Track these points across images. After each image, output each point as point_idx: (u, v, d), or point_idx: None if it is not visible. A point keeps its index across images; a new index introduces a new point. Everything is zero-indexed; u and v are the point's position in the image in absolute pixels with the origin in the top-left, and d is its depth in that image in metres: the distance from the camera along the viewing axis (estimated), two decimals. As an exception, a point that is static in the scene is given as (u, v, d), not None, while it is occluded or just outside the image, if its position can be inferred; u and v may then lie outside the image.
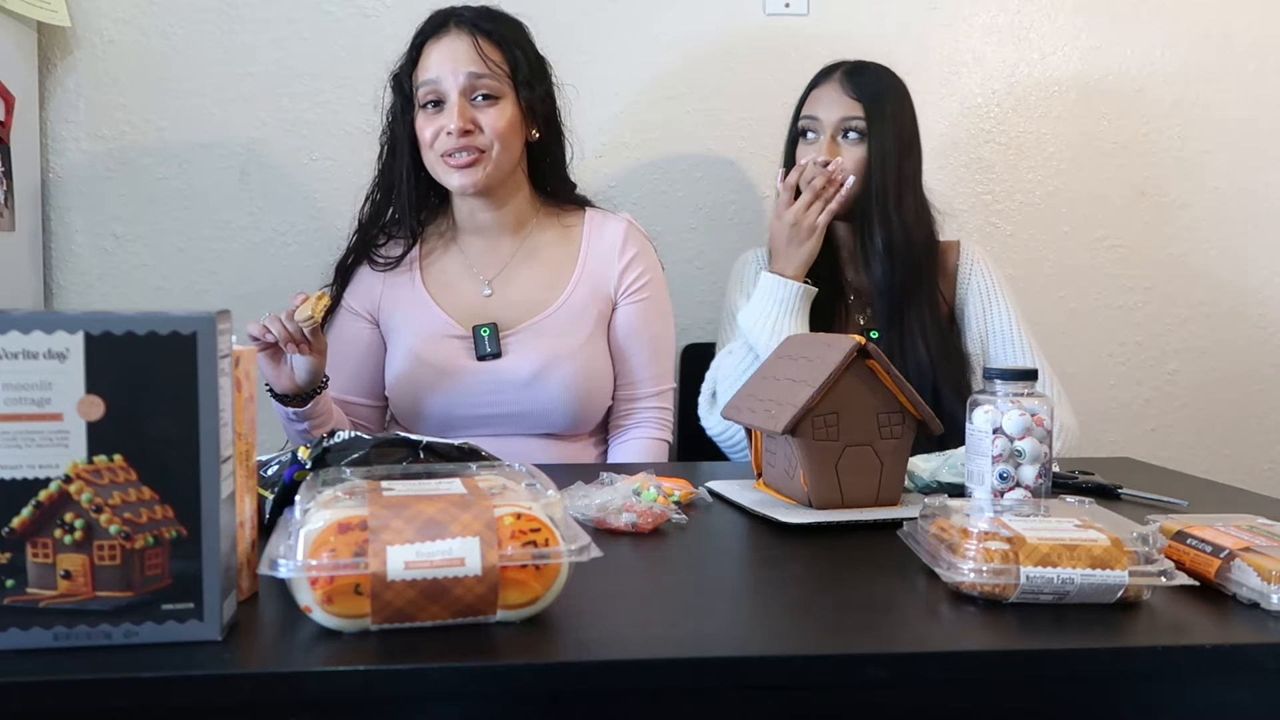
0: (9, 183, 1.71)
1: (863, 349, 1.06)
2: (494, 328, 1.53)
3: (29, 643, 0.66)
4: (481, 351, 1.53)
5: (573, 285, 1.58)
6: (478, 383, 1.52)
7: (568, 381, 1.52)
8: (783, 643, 0.72)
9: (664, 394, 1.63)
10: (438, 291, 1.57)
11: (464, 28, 1.51)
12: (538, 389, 1.51)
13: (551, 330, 1.55)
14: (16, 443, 0.65)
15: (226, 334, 0.70)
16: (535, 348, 1.53)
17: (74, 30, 1.85)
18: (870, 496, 1.07)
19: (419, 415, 1.55)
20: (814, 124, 1.62)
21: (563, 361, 1.52)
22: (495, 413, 1.52)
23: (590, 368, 1.55)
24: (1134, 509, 1.11)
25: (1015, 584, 0.76)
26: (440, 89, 1.49)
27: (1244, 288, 2.12)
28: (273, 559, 0.69)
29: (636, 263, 1.60)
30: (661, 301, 1.64)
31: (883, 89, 1.61)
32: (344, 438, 1.03)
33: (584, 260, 1.59)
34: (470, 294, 1.57)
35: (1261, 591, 0.77)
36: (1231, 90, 2.08)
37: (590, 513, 1.01)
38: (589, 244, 1.60)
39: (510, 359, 1.53)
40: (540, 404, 1.52)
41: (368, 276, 1.60)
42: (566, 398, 1.52)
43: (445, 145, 1.48)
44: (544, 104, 1.56)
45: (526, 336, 1.54)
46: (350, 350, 1.59)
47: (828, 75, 1.64)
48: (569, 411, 1.53)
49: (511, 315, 1.56)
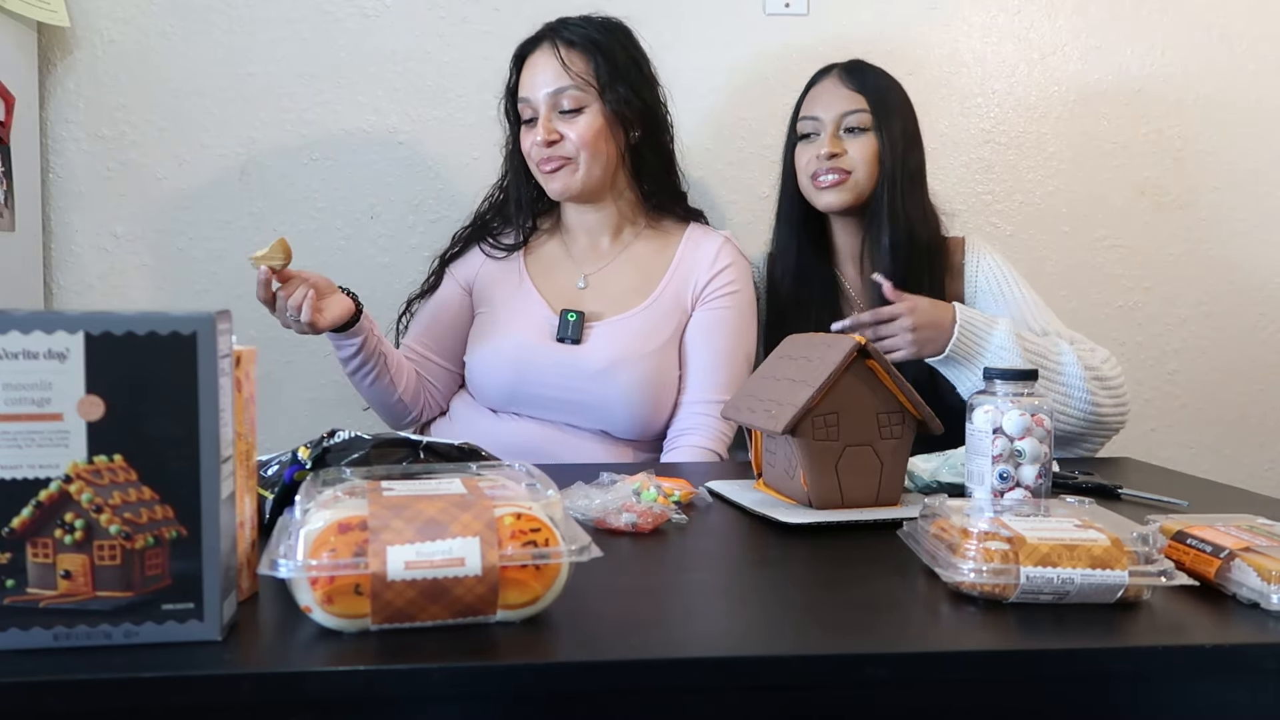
0: (9, 183, 1.71)
1: (863, 349, 1.06)
2: (581, 315, 1.57)
3: (29, 643, 0.66)
4: (562, 334, 1.57)
5: (659, 291, 1.61)
6: (551, 364, 1.55)
7: (636, 381, 1.54)
8: (783, 643, 0.72)
9: (715, 406, 1.58)
10: (537, 275, 1.64)
11: (550, 41, 1.58)
12: (607, 382, 1.53)
13: (631, 330, 1.57)
14: (16, 443, 0.65)
15: (226, 334, 0.70)
16: (612, 343, 1.56)
17: (74, 30, 1.85)
18: (870, 496, 1.07)
19: (488, 385, 1.58)
20: (814, 124, 1.60)
21: (635, 361, 1.54)
22: (561, 397, 1.54)
23: (659, 372, 1.56)
24: (1134, 509, 1.11)
25: (1015, 584, 0.76)
26: (531, 105, 1.58)
27: (1244, 288, 2.12)
28: (273, 559, 0.69)
29: (725, 274, 1.61)
30: (742, 316, 1.62)
31: (884, 84, 1.59)
32: (344, 438, 1.03)
33: (675, 269, 1.62)
34: (566, 281, 1.63)
35: (1261, 591, 0.77)
36: (1231, 90, 2.08)
37: (590, 513, 1.01)
38: (684, 255, 1.63)
39: (587, 347, 1.56)
40: (606, 398, 1.54)
41: (476, 256, 1.68)
42: (632, 396, 1.54)
43: (537, 156, 1.58)
44: (636, 105, 1.59)
45: (607, 330, 1.58)
46: (437, 310, 1.68)
47: (824, 75, 1.63)
48: (632, 412, 1.54)
49: (599, 308, 1.60)
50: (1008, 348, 1.41)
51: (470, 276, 1.68)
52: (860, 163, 1.55)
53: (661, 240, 1.66)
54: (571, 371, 1.54)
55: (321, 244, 1.90)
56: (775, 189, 2.01)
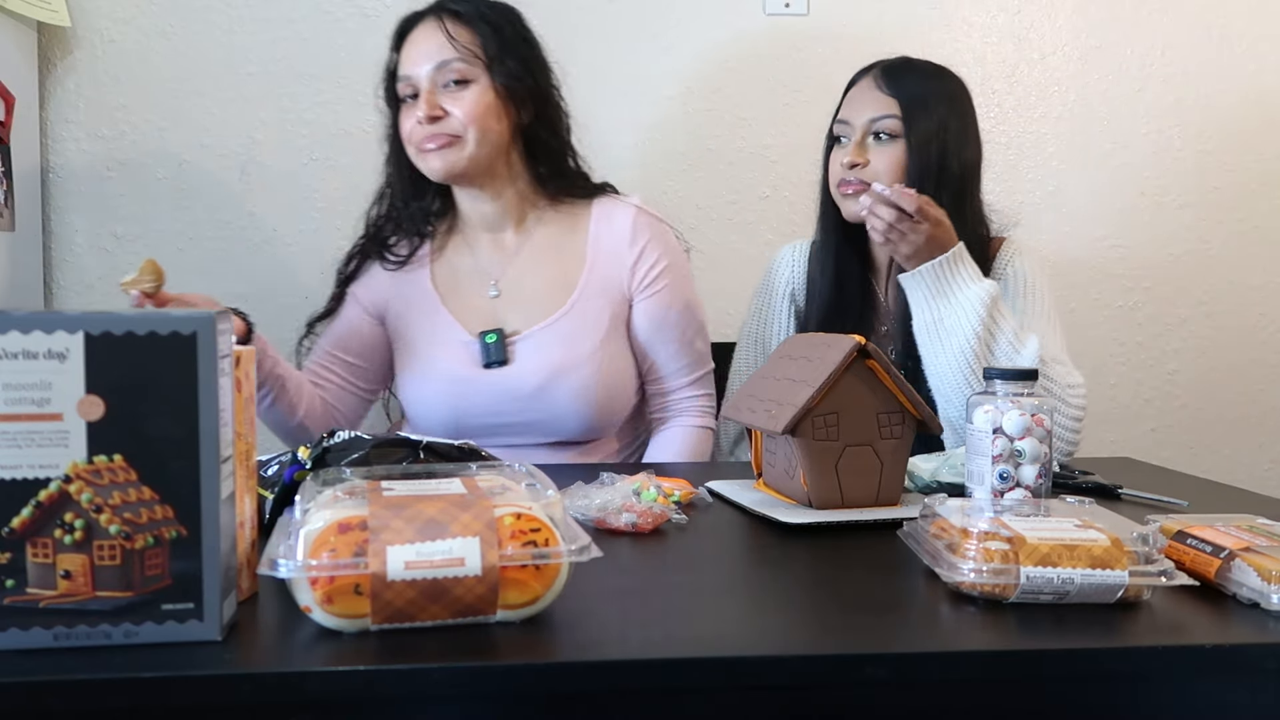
0: (9, 183, 1.71)
1: (863, 349, 1.06)
2: (500, 334, 1.49)
3: (29, 643, 0.66)
4: (487, 360, 1.48)
5: (582, 286, 1.52)
6: (485, 392, 1.48)
7: (579, 389, 1.47)
8: (783, 643, 0.72)
9: (700, 380, 1.59)
10: (447, 294, 1.54)
11: (435, 15, 1.46)
12: (547, 398, 1.47)
13: (561, 336, 1.49)
14: (16, 443, 0.65)
15: (226, 334, 0.70)
16: (542, 356, 1.48)
17: (74, 30, 1.85)
18: (870, 496, 1.07)
19: (429, 422, 1.51)
20: (844, 128, 1.50)
21: (573, 369, 1.47)
22: (506, 422, 1.48)
23: (606, 373, 1.49)
24: (1134, 509, 1.11)
25: (1015, 584, 0.76)
26: (413, 82, 1.45)
27: (1244, 287, 2.12)
28: (273, 559, 0.68)
29: (648, 253, 1.53)
30: (682, 288, 1.56)
31: (927, 86, 1.47)
32: (344, 438, 1.03)
33: (593, 258, 1.53)
34: (478, 296, 1.53)
35: (1261, 591, 0.77)
36: (1231, 90, 2.08)
37: (590, 513, 1.01)
38: (597, 239, 1.53)
39: (517, 367, 1.48)
40: (551, 413, 1.48)
41: (378, 274, 1.57)
42: (578, 406, 1.47)
43: (419, 136, 1.45)
44: (528, 83, 1.48)
45: (534, 342, 1.49)
46: (345, 337, 1.56)
47: (863, 74, 1.52)
48: (583, 420, 1.49)
49: (518, 320, 1.51)
50: (975, 306, 1.34)
51: (379, 304, 1.56)
52: (883, 173, 1.45)
53: (569, 221, 1.55)
54: (508, 395, 1.47)
55: (321, 244, 1.90)
56: (775, 189, 2.02)
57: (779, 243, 1.93)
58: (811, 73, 1.99)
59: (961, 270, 1.36)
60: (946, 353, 1.36)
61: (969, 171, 1.49)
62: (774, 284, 1.62)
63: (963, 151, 1.47)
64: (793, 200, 2.00)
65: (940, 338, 1.36)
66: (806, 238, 1.64)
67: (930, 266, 1.36)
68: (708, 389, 1.60)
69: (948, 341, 1.36)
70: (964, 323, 1.34)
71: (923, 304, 1.38)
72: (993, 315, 1.35)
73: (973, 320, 1.34)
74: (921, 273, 1.36)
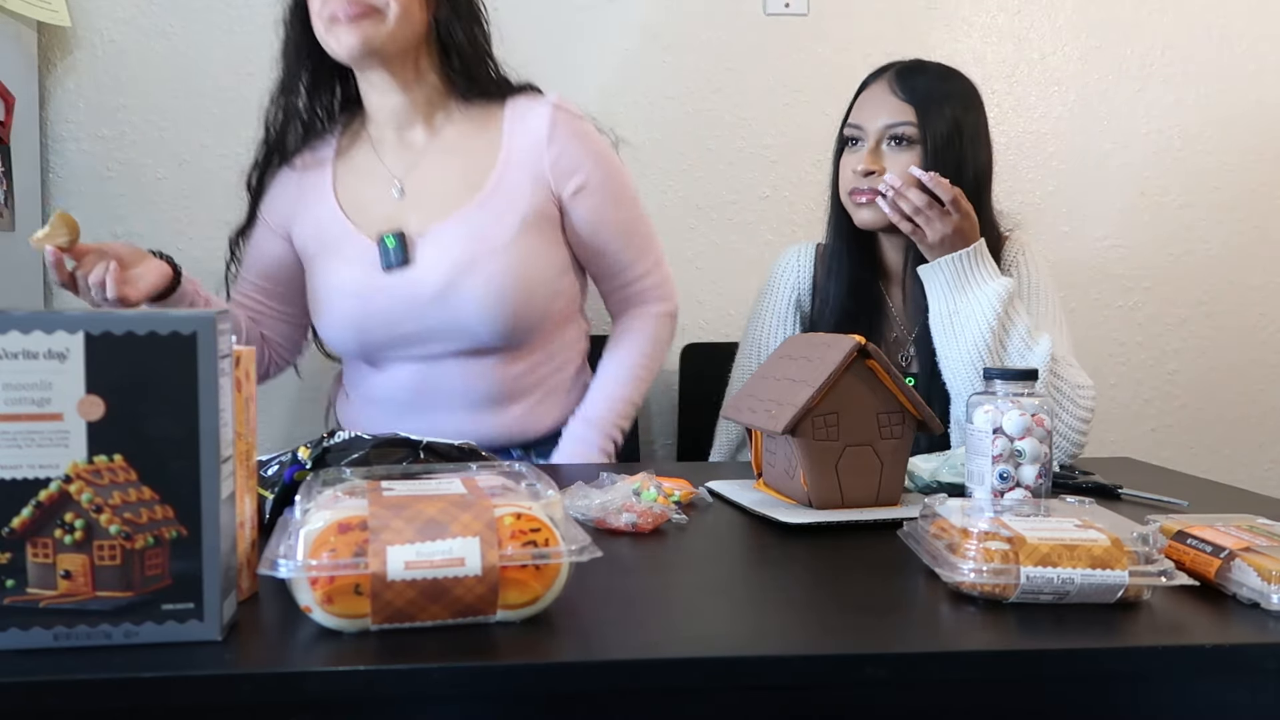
0: (9, 183, 1.71)
1: (863, 349, 1.06)
2: (400, 236, 1.40)
3: (29, 643, 0.66)
4: (387, 263, 1.40)
5: (494, 182, 1.42)
6: (386, 298, 1.40)
7: (488, 286, 1.38)
8: (783, 643, 0.72)
9: (652, 268, 1.55)
10: (348, 199, 1.46)
11: None
12: (453, 299, 1.38)
13: (467, 231, 1.40)
14: (16, 443, 0.65)
15: (226, 334, 0.70)
16: (447, 252, 1.39)
17: (74, 30, 1.85)
18: (870, 496, 1.07)
19: (339, 345, 1.48)
20: (858, 131, 1.47)
21: (480, 265, 1.38)
22: (412, 330, 1.41)
23: (521, 270, 1.40)
24: (1134, 509, 1.11)
25: (1015, 584, 0.76)
26: None
27: (1244, 287, 2.12)
28: (273, 559, 0.68)
29: (570, 152, 1.45)
30: (614, 186, 1.49)
31: (941, 89, 1.44)
32: (344, 438, 1.03)
33: (506, 154, 1.43)
34: (381, 198, 1.45)
35: (1262, 591, 0.77)
36: (1231, 90, 2.08)
37: (590, 513, 1.01)
38: (511, 135, 1.44)
39: (419, 267, 1.40)
40: (458, 317, 1.39)
41: (283, 184, 1.51)
42: (488, 305, 1.38)
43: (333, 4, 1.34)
44: None
45: (437, 240, 1.40)
46: (260, 261, 1.53)
47: (877, 77, 1.49)
48: (495, 322, 1.39)
49: (422, 218, 1.42)
50: (993, 300, 1.34)
51: (285, 221, 1.50)
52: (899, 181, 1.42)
53: (481, 120, 1.46)
54: (410, 299, 1.39)
55: (321, 244, 1.90)
56: (775, 189, 2.02)
57: (779, 243, 1.94)
58: (811, 73, 1.99)
59: (982, 266, 1.37)
60: (960, 345, 1.36)
61: (982, 175, 1.47)
62: (778, 288, 1.60)
63: (978, 156, 1.46)
64: (793, 200, 2.00)
65: (955, 330, 1.37)
66: (807, 238, 1.63)
67: (952, 259, 1.37)
68: (661, 273, 1.56)
69: (962, 334, 1.36)
70: (980, 316, 1.35)
71: (941, 296, 1.39)
72: (1008, 312, 1.36)
73: (989, 315, 1.35)
74: (942, 264, 1.37)
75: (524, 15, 1.92)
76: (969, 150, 1.44)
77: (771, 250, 1.69)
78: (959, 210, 1.35)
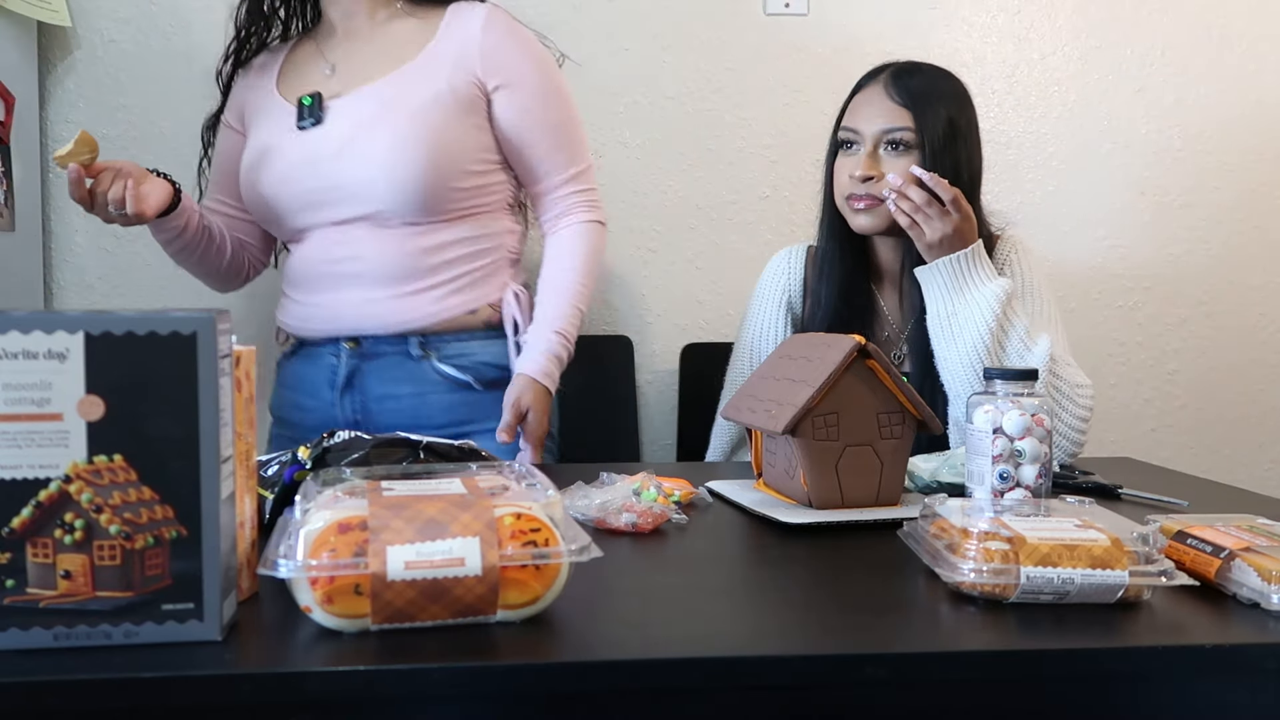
0: (9, 183, 1.71)
1: (863, 349, 1.06)
2: (317, 96, 1.47)
3: (29, 643, 0.66)
4: (302, 121, 1.47)
5: (421, 59, 1.48)
6: (294, 153, 1.46)
7: (391, 146, 1.41)
8: (783, 643, 0.72)
9: (579, 176, 1.55)
10: (285, 82, 1.55)
11: None
12: (350, 156, 1.43)
13: (381, 96, 1.46)
14: (16, 443, 0.65)
15: (226, 334, 0.70)
16: (356, 111, 1.45)
17: (74, 30, 1.85)
18: (870, 496, 1.07)
19: (257, 205, 1.52)
20: (854, 135, 1.46)
21: (384, 124, 1.42)
22: (318, 186, 1.45)
23: (430, 138, 1.42)
24: (1134, 509, 1.11)
25: (1015, 584, 0.76)
26: None
27: (1244, 287, 2.12)
28: (273, 559, 0.69)
29: (501, 47, 1.49)
30: (545, 86, 1.52)
31: (935, 91, 1.45)
32: (344, 438, 1.03)
33: (438, 40, 1.50)
34: (313, 72, 1.53)
35: (1262, 591, 0.77)
36: (1231, 90, 2.08)
37: (590, 513, 1.02)
38: (447, 28, 1.51)
39: (327, 124, 1.46)
40: (358, 176, 1.42)
41: (240, 83, 1.61)
42: (384, 166, 1.41)
43: None
44: None
45: (350, 102, 1.47)
46: (223, 160, 1.61)
47: (872, 79, 1.49)
48: (397, 185, 1.41)
49: (343, 85, 1.49)
50: (991, 302, 1.35)
51: (240, 120, 1.60)
52: None
53: (422, 20, 1.53)
54: (315, 154, 1.44)
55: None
56: (775, 189, 2.02)
57: (779, 243, 1.94)
58: (811, 73, 1.99)
59: (979, 267, 1.38)
60: (959, 347, 1.36)
61: (976, 175, 1.48)
62: (769, 291, 1.60)
63: (972, 156, 1.46)
64: (793, 200, 2.00)
65: (953, 332, 1.37)
66: (807, 238, 1.63)
67: (949, 260, 1.37)
68: (588, 184, 1.57)
69: (960, 335, 1.36)
70: (978, 317, 1.35)
71: (938, 297, 1.39)
72: (1006, 313, 1.36)
73: (987, 316, 1.35)
74: (940, 266, 1.37)
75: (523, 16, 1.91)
76: (963, 151, 1.44)
77: (771, 250, 1.69)
78: (959, 211, 1.35)
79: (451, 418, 1.49)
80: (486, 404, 1.48)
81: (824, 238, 1.55)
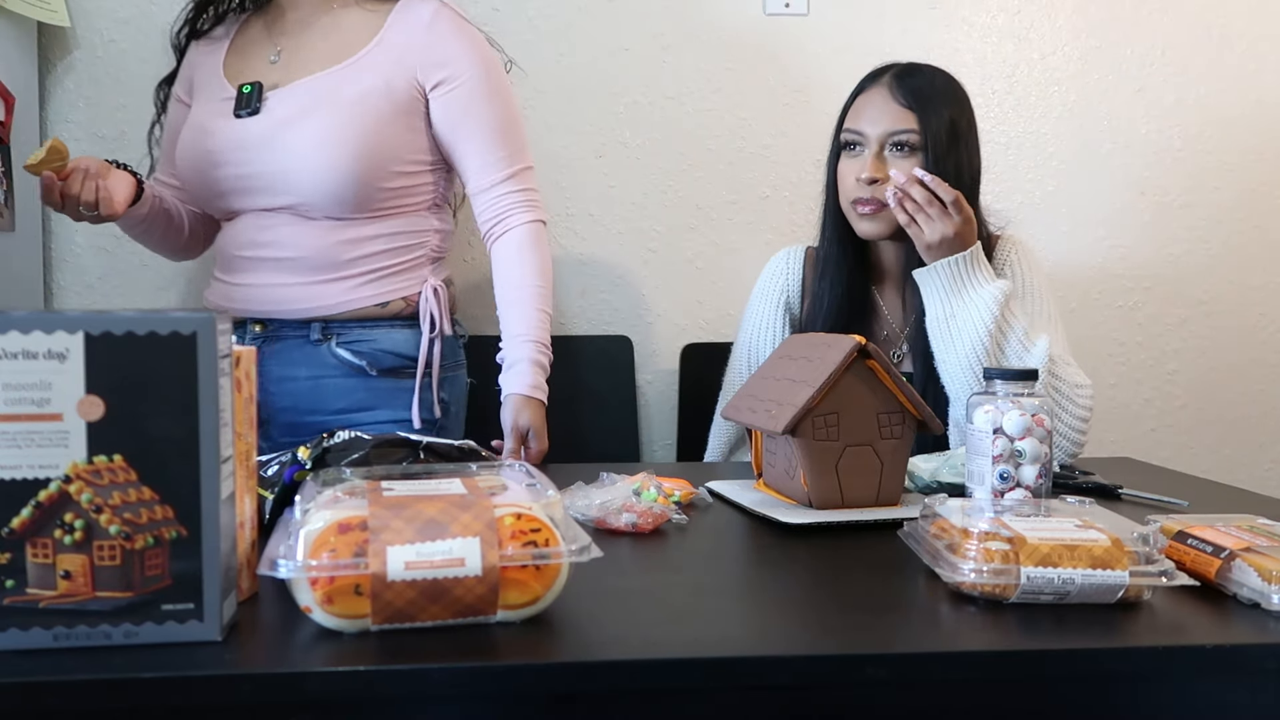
0: (9, 183, 1.71)
1: (863, 349, 1.06)
2: (258, 85, 1.48)
3: (29, 643, 0.66)
4: (240, 109, 1.47)
5: (362, 55, 1.48)
6: (226, 138, 1.47)
7: (316, 138, 1.42)
8: (783, 643, 0.72)
9: (519, 175, 1.54)
10: (231, 62, 1.55)
11: None
12: (278, 146, 1.44)
13: (317, 89, 1.46)
14: (16, 443, 0.65)
15: (226, 334, 0.70)
16: (288, 103, 1.46)
17: (74, 30, 1.85)
18: (870, 496, 1.07)
19: (189, 183, 1.54)
20: (858, 137, 1.45)
21: (314, 117, 1.43)
22: (247, 172, 1.46)
23: (357, 132, 1.43)
24: (1134, 509, 1.11)
25: (1015, 584, 0.76)
26: None
27: (1244, 287, 2.12)
28: (273, 559, 0.68)
29: (441, 47, 1.49)
30: (487, 85, 1.51)
31: (938, 92, 1.45)
32: (344, 438, 1.03)
33: (382, 37, 1.50)
34: (259, 57, 1.53)
35: (1262, 592, 0.77)
36: (1231, 90, 2.08)
37: (590, 513, 1.01)
38: (392, 25, 1.51)
39: (263, 114, 1.47)
40: (284, 167, 1.43)
41: (190, 57, 1.61)
42: (307, 157, 1.42)
43: None
44: None
45: (287, 94, 1.47)
46: (172, 137, 1.61)
47: (874, 80, 1.48)
48: (323, 178, 1.42)
49: (284, 76, 1.50)
50: (989, 303, 1.35)
51: (188, 89, 1.60)
52: None
53: (370, 12, 1.53)
54: (246, 141, 1.45)
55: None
56: (775, 189, 2.02)
57: (779, 243, 1.94)
58: (811, 73, 1.99)
59: (978, 269, 1.38)
60: (958, 349, 1.36)
61: (976, 175, 1.48)
62: (767, 291, 1.60)
63: (973, 160, 1.47)
64: (793, 200, 2.00)
65: (952, 334, 1.37)
66: (807, 238, 1.63)
67: (948, 263, 1.37)
68: (528, 184, 1.55)
69: (959, 337, 1.36)
70: (977, 319, 1.35)
71: (937, 300, 1.39)
72: (1004, 315, 1.36)
73: (985, 318, 1.35)
74: (938, 269, 1.37)
75: (523, 16, 1.92)
76: (964, 153, 1.45)
77: (771, 250, 1.69)
78: (960, 213, 1.35)
79: (348, 403, 1.49)
80: (384, 392, 1.50)
81: (826, 239, 1.54)
